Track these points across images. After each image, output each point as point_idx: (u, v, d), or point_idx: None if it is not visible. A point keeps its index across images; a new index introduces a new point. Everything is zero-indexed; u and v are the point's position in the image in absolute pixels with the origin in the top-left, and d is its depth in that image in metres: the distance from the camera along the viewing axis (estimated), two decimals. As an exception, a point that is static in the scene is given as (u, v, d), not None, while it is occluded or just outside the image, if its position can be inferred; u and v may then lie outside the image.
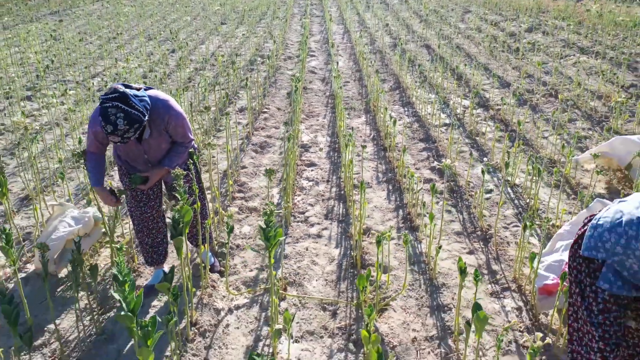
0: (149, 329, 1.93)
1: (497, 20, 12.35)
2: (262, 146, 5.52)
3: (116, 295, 1.95)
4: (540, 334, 1.91)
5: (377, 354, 1.93)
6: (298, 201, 4.35)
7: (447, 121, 6.03)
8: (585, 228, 1.91)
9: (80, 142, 4.37)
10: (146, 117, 2.53)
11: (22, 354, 2.65)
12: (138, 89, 2.63)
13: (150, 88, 2.78)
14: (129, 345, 2.74)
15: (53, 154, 5.28)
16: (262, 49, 10.26)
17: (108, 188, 2.92)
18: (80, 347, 2.74)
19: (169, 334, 2.29)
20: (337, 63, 8.23)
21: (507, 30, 10.90)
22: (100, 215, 3.33)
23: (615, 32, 10.10)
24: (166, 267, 3.28)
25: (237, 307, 3.07)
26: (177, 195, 2.56)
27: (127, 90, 2.50)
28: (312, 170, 4.95)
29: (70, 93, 6.40)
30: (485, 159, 5.01)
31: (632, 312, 1.90)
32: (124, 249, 2.53)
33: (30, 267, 3.46)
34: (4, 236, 2.49)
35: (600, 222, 1.81)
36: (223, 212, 3.95)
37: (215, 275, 3.31)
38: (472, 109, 5.98)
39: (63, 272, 3.36)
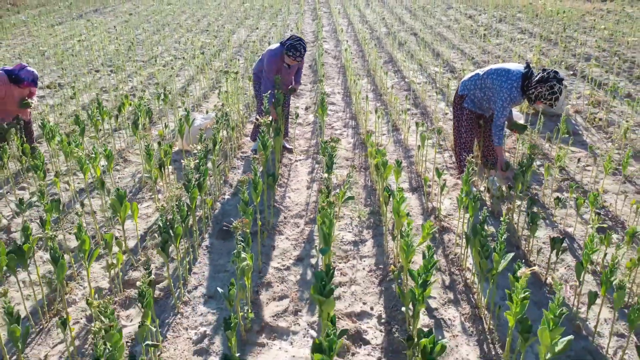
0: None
1: (472, 13, 15.02)
2: (298, 94, 8.15)
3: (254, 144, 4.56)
4: (441, 128, 4.54)
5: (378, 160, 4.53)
6: (325, 120, 6.97)
7: (424, 80, 8.67)
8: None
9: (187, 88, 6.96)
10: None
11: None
12: None
13: None
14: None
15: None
16: (284, 37, 12.88)
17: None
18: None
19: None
20: (347, 41, 10.87)
21: (478, 21, 13.55)
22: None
23: (558, 20, 12.77)
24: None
25: (300, 160, 5.69)
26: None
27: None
28: (333, 106, 7.58)
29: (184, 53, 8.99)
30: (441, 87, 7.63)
31: (480, 119, 4.54)
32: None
33: (175, 148, 6.07)
34: (185, 112, 5.14)
35: (465, 78, 4.44)
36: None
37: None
38: (441, 73, 8.62)
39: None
